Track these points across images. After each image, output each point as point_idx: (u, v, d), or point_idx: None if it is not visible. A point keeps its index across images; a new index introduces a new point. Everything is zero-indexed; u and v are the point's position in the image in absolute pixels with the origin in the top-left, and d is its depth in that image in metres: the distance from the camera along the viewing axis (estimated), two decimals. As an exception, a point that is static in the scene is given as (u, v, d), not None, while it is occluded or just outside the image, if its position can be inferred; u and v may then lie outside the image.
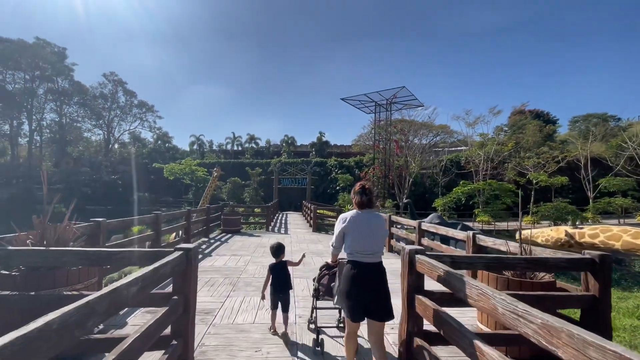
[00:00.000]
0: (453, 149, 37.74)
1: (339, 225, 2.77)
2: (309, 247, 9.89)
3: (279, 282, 3.69)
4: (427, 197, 31.68)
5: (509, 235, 20.51)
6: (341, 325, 3.51)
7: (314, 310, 3.54)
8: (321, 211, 30.15)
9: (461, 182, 21.29)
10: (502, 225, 21.74)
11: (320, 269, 3.53)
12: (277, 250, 3.86)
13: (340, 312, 3.70)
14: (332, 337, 3.63)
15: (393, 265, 8.08)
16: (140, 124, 54.87)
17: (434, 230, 7.02)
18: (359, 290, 2.59)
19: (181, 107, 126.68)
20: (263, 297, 3.75)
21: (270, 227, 15.24)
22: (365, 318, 2.63)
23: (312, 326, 3.62)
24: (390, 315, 2.62)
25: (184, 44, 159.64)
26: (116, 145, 57.66)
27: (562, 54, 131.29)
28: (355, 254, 2.66)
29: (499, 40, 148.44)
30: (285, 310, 3.66)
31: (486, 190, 20.23)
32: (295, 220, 20.96)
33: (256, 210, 18.79)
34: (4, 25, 69.90)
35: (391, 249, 9.67)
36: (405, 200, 12.95)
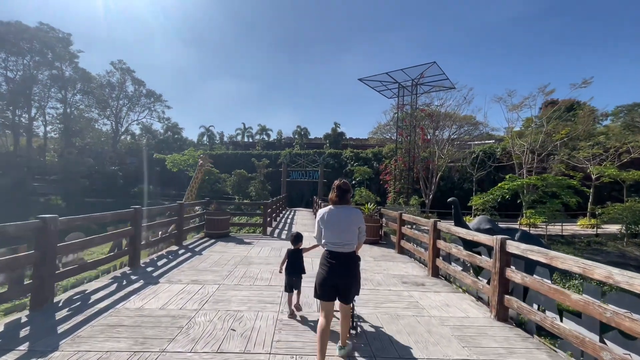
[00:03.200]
0: (478, 142, 33.65)
1: (317, 221, 3.19)
2: (314, 266, 6.79)
3: (293, 266, 4.26)
4: (455, 194, 27.93)
5: (564, 242, 16.74)
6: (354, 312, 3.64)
7: None
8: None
9: (507, 176, 17.60)
10: (554, 228, 17.93)
11: None
12: (296, 239, 4.41)
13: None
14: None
15: (452, 311, 4.50)
16: (148, 114, 53.10)
17: (543, 261, 3.70)
18: (331, 275, 2.94)
19: (194, 99, 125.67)
20: (280, 271, 4.36)
21: (269, 230, 12.18)
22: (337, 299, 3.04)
23: None
24: (354, 296, 3.13)
25: (197, 35, 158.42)
26: (128, 137, 56.31)
27: (598, 42, 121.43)
28: (329, 244, 3.02)
29: (531, 26, 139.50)
30: (297, 288, 4.33)
31: (540, 187, 16.48)
32: (304, 219, 17.85)
33: (260, 208, 15.75)
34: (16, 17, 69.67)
35: (437, 272, 6.43)
36: (449, 199, 9.49)
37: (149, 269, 6.12)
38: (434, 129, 23.40)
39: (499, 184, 17.32)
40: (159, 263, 6.62)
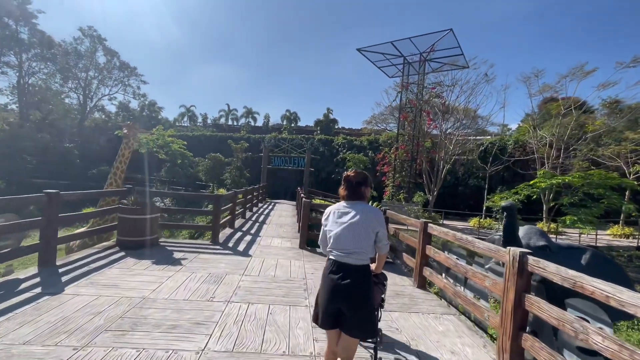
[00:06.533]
0: (479, 137, 30.58)
1: (323, 221, 2.47)
2: (276, 325, 3.30)
3: None
4: (460, 191, 24.87)
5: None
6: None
7: None
8: (319, 201, 23.31)
9: (541, 172, 14.45)
10: (586, 237, 14.93)
11: None
12: None
13: None
14: None
15: None
16: (122, 88, 48.14)
17: None
18: (331, 294, 2.20)
19: (182, 81, 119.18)
20: None
21: (225, 236, 8.61)
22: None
23: None
24: (364, 332, 2.24)
25: (188, 14, 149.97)
26: (103, 115, 51.37)
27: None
28: (333, 251, 2.28)
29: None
30: None
31: (582, 186, 13.38)
32: (283, 218, 14.30)
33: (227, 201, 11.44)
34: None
35: (519, 358, 3.06)
36: (503, 203, 5.78)
37: None
38: (443, 112, 20.02)
39: (532, 181, 14.19)
40: None
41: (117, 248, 6.35)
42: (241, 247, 7.29)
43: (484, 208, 17.36)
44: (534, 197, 14.19)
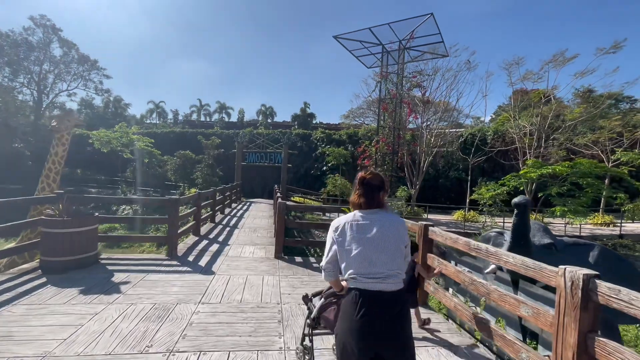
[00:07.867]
0: (454, 130, 30.50)
1: (330, 236, 1.87)
2: None
3: None
4: (440, 183, 24.49)
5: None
6: None
7: (306, 339, 2.35)
8: (299, 199, 22.12)
9: (531, 161, 14.03)
10: (570, 227, 14.74)
11: (325, 296, 2.17)
12: None
13: None
14: None
15: None
16: (82, 83, 44.60)
17: None
18: (366, 336, 1.64)
19: (149, 77, 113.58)
20: None
21: (187, 246, 7.33)
22: None
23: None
24: None
25: (161, 8, 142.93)
26: (61, 112, 47.52)
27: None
28: (359, 277, 1.72)
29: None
30: None
31: (570, 176, 13.06)
32: (258, 220, 13.06)
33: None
34: None
35: None
36: (516, 200, 4.80)
37: None
38: (424, 103, 19.39)
39: (521, 171, 13.79)
40: None
41: (40, 272, 4.98)
42: (204, 262, 6.06)
43: (467, 201, 16.94)
44: (521, 188, 13.90)
